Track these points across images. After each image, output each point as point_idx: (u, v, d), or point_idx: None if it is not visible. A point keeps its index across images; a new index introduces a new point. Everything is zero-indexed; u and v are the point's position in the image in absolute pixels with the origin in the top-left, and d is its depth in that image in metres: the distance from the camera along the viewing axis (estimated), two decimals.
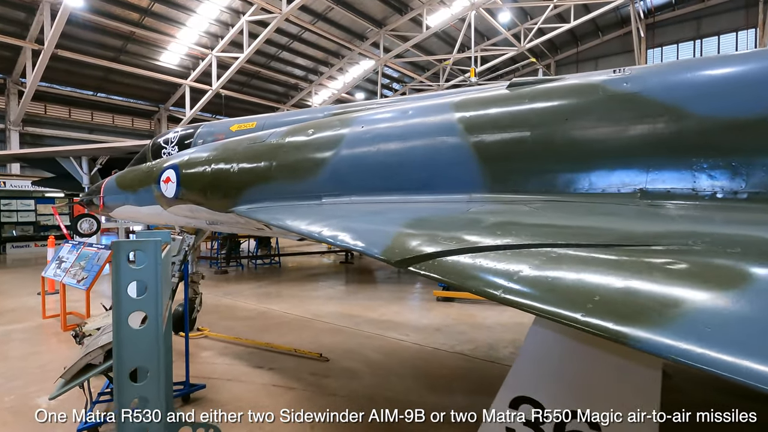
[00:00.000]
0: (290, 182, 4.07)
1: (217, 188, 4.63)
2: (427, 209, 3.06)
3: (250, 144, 4.57)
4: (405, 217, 2.67)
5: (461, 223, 2.48)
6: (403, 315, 7.35)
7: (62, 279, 6.46)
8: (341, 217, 3.08)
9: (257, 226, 4.69)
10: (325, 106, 4.88)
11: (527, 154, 3.06)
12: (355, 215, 3.16)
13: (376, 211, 3.17)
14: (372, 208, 3.36)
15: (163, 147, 6.28)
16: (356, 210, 3.35)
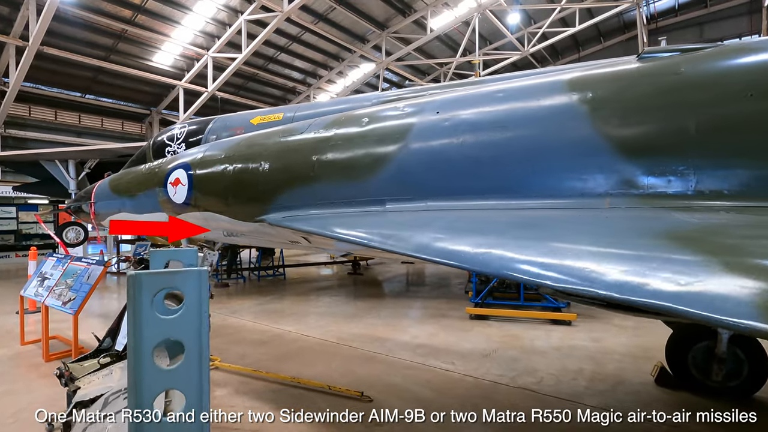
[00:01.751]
0: (341, 183, 3.22)
1: (240, 192, 3.76)
2: (615, 221, 2.19)
3: (283, 137, 3.71)
4: (662, 231, 1.80)
5: None
6: (438, 337, 6.48)
7: (45, 300, 5.48)
8: (467, 232, 2.21)
9: (291, 239, 3.81)
10: (373, 93, 4.05)
11: (693, 143, 2.23)
12: (493, 228, 2.29)
13: (529, 224, 2.28)
14: (487, 217, 2.49)
15: (167, 144, 5.38)
16: (469, 220, 2.48)
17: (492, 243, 1.94)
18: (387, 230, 2.53)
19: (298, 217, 3.27)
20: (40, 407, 3.55)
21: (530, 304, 7.67)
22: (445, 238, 2.12)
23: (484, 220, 2.39)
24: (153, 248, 4.61)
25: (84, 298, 4.98)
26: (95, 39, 18.27)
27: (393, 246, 2.27)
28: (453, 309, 8.28)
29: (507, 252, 1.80)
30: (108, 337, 4.38)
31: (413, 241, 2.22)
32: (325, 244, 3.60)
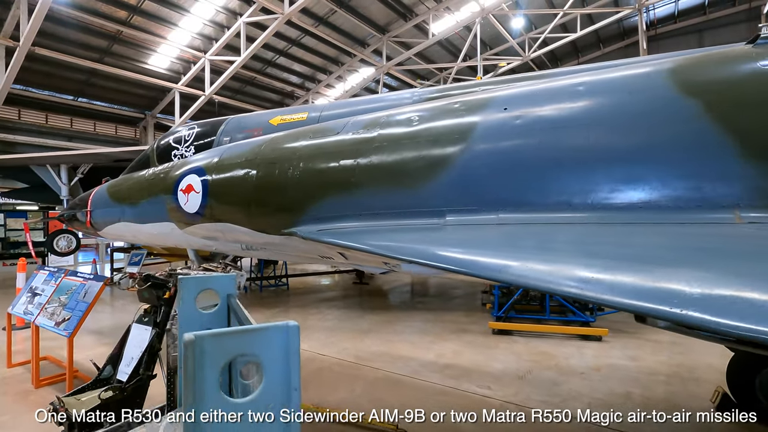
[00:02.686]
0: (388, 191, 2.76)
1: (265, 201, 3.29)
2: None
3: (315, 139, 3.26)
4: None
5: None
6: (464, 355, 6.03)
7: (35, 319, 4.94)
8: (594, 257, 1.76)
9: (324, 254, 3.35)
10: (410, 90, 3.61)
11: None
12: (630, 252, 1.84)
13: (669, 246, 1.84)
14: (600, 235, 2.05)
15: (174, 147, 4.91)
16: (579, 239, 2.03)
17: (649, 273, 1.50)
18: (466, 249, 2.08)
19: (339, 230, 2.81)
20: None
21: (556, 317, 7.25)
22: (570, 264, 1.68)
23: (600, 239, 1.95)
24: (150, 257, 4.07)
25: (80, 319, 4.46)
26: (89, 40, 17.72)
27: (487, 271, 1.83)
28: (472, 323, 7.83)
29: (677, 285, 1.36)
30: (108, 365, 3.87)
31: (517, 264, 1.78)
32: (367, 261, 3.14)
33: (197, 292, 2.08)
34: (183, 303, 2.02)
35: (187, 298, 2.05)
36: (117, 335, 7.68)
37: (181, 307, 2.03)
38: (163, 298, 3.81)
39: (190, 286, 2.07)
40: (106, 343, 6.83)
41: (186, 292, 2.06)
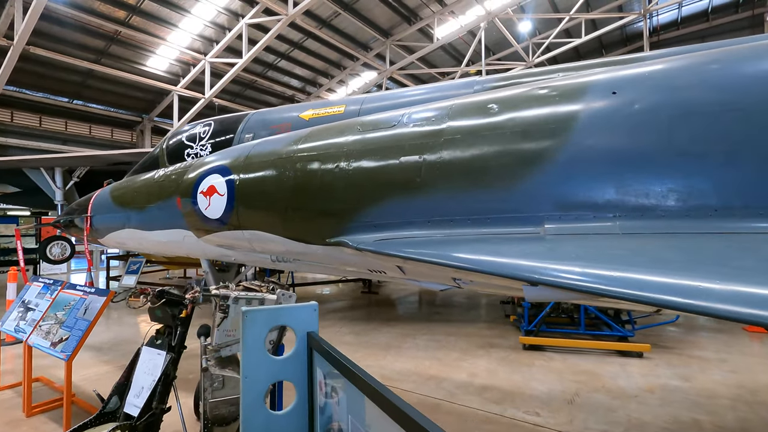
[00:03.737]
0: (466, 193, 2.29)
1: (306, 205, 2.80)
2: None
3: (366, 133, 2.78)
4: None
5: None
6: (499, 374, 5.53)
7: (28, 338, 4.38)
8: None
9: (374, 267, 2.86)
10: (471, 79, 3.15)
11: None
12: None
13: None
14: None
15: (187, 145, 4.41)
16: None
17: None
18: (605, 265, 1.60)
19: (406, 240, 2.33)
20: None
21: (592, 332, 6.77)
22: None
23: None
24: (147, 264, 3.50)
25: (80, 339, 3.90)
26: (86, 41, 17.20)
27: (670, 294, 1.35)
28: (498, 336, 7.34)
29: None
30: (114, 396, 3.33)
31: (719, 287, 1.30)
32: (432, 277, 2.65)
33: (269, 328, 1.58)
34: (248, 344, 1.51)
35: (255, 338, 1.55)
36: (117, 352, 7.14)
37: (247, 350, 1.53)
38: (179, 317, 3.30)
39: (259, 322, 1.56)
40: (106, 361, 6.27)
41: (253, 330, 1.55)
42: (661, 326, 7.16)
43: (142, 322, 9.08)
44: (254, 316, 1.56)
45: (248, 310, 1.57)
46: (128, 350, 6.93)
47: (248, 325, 1.54)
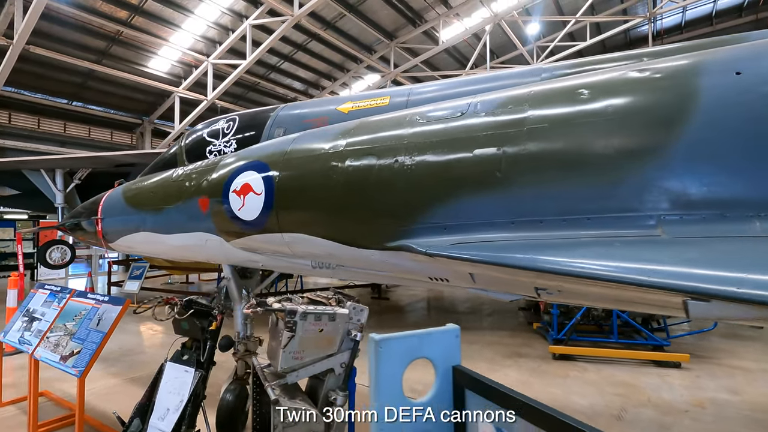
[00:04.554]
0: (559, 189, 1.98)
1: (361, 204, 2.48)
2: None
3: (430, 123, 2.48)
4: None
5: None
6: (535, 387, 5.22)
7: (34, 351, 4.03)
8: None
9: (440, 274, 2.55)
10: (535, 66, 2.86)
11: None
12: None
13: None
14: None
15: (209, 142, 4.09)
16: None
17: None
18: None
19: (488, 244, 2.02)
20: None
21: (625, 341, 6.47)
22: None
23: None
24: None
25: (94, 353, 3.56)
26: (87, 41, 16.89)
27: None
28: (524, 345, 7.03)
29: None
30: (136, 418, 2.99)
31: None
32: (512, 287, 2.34)
33: (407, 363, 1.26)
34: (383, 384, 1.20)
35: (392, 376, 1.23)
36: (123, 363, 6.73)
37: (381, 392, 1.22)
38: (208, 330, 2.97)
39: (396, 355, 1.24)
40: (113, 374, 5.91)
41: (390, 365, 1.23)
42: (694, 335, 6.87)
43: (145, 329, 8.71)
44: (390, 348, 1.23)
45: (383, 339, 1.24)
46: (136, 361, 6.57)
47: (383, 359, 1.20)
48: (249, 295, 4.34)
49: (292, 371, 2.50)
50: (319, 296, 2.75)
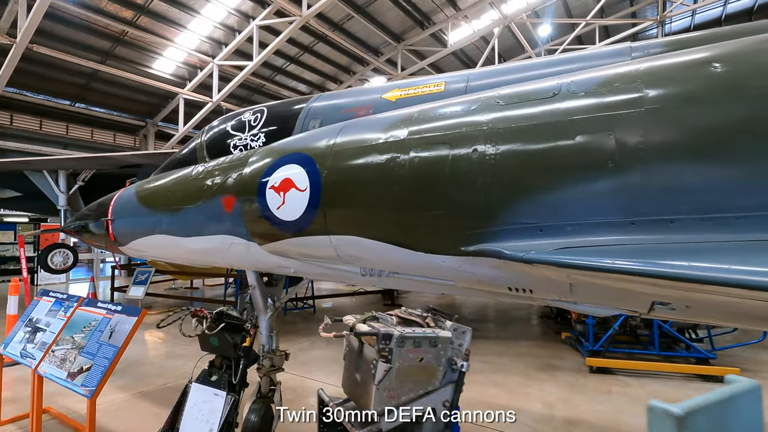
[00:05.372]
0: (696, 182, 1.60)
1: (431, 202, 2.10)
2: None
3: (514, 107, 2.11)
4: None
5: None
6: (578, 404, 4.83)
7: (37, 366, 3.64)
8: None
9: (520, 284, 2.17)
10: (627, 45, 2.50)
11: None
12: None
13: None
14: None
15: (232, 135, 3.73)
16: None
17: None
18: None
19: (602, 248, 1.64)
20: None
21: (666, 353, 6.06)
22: None
23: None
24: None
25: (107, 370, 3.16)
26: (91, 41, 16.60)
27: None
28: (555, 356, 6.63)
29: None
30: None
31: None
32: (620, 302, 1.96)
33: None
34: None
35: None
36: (131, 375, 6.25)
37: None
38: (241, 346, 2.59)
39: None
40: (121, 387, 5.50)
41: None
42: (740, 347, 6.46)
43: (150, 337, 8.30)
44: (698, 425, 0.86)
45: (663, 409, 0.88)
46: (144, 373, 6.16)
47: None
48: (274, 304, 3.96)
49: (388, 413, 1.98)
50: (411, 314, 2.34)
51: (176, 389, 5.50)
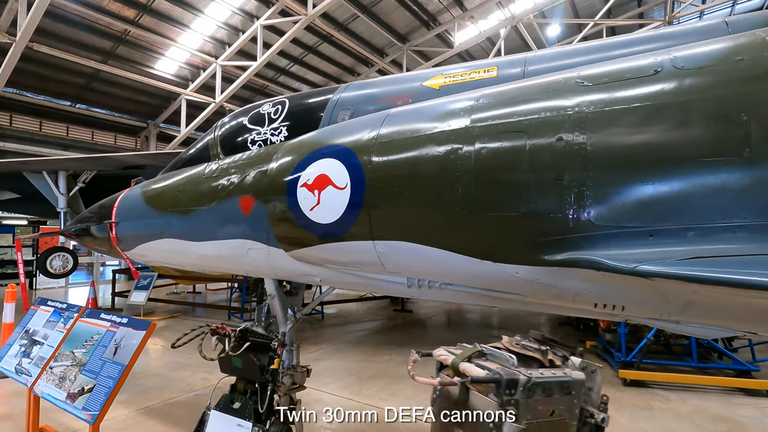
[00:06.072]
0: None
1: (505, 202, 1.74)
2: None
3: (602, 86, 1.74)
4: None
5: None
6: (620, 422, 4.48)
7: (33, 385, 3.28)
8: None
9: (614, 300, 1.82)
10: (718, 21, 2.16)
11: None
12: None
13: None
14: None
15: (251, 129, 3.39)
16: None
17: None
18: None
19: (744, 258, 1.29)
20: None
21: (704, 365, 5.70)
22: None
23: None
24: None
25: (111, 392, 2.81)
26: (93, 41, 16.30)
27: None
28: None
29: None
30: None
31: None
32: (759, 322, 1.62)
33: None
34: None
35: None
36: (134, 388, 5.69)
37: None
38: (268, 369, 2.24)
39: None
40: (123, 402, 5.12)
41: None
42: None
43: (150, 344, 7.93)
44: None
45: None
46: (147, 386, 5.79)
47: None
48: (295, 315, 3.61)
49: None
50: (528, 346, 1.92)
51: (184, 405, 5.15)
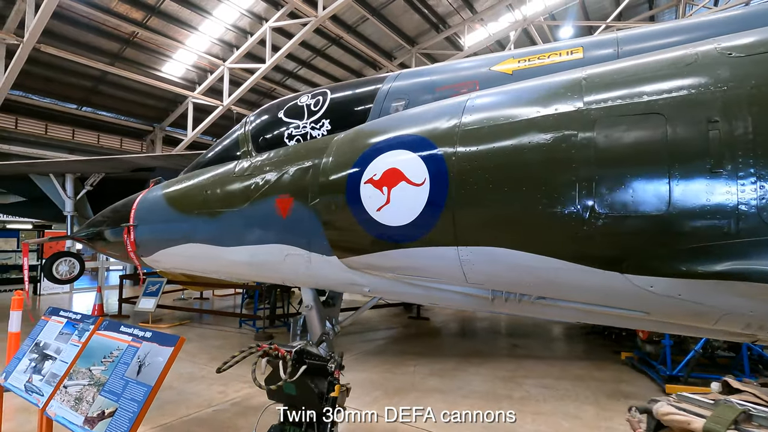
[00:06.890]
0: None
1: (647, 196, 1.39)
2: None
3: (755, 52, 1.38)
4: None
5: None
6: None
7: (46, 406, 2.95)
8: None
9: (753, 321, 1.48)
10: None
11: None
12: None
13: None
14: None
15: (287, 123, 3.08)
16: None
17: None
18: None
19: None
20: None
21: (755, 377, 5.35)
22: None
23: None
24: None
25: (136, 417, 2.48)
26: (100, 43, 16.12)
27: None
28: (621, 381, 5.91)
29: None
30: None
31: None
32: None
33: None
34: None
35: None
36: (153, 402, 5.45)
37: None
38: (328, 397, 1.91)
39: None
40: None
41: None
42: None
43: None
44: None
45: None
46: (162, 400, 5.43)
47: None
48: (333, 328, 3.29)
49: None
50: (763, 395, 1.63)
51: (204, 422, 4.79)
